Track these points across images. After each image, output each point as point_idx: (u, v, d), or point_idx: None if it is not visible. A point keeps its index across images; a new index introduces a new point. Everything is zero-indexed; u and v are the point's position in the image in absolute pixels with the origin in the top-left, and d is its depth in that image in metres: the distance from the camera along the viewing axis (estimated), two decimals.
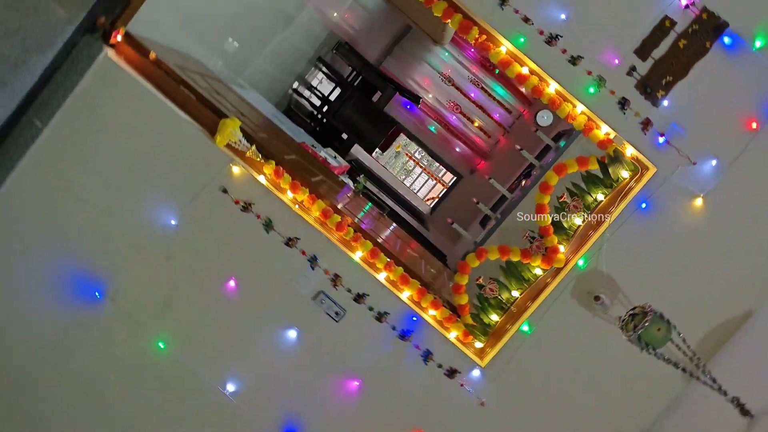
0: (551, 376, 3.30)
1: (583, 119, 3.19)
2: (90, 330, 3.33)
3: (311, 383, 3.36)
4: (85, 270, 3.28)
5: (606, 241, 3.18)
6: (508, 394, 3.30)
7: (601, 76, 3.11)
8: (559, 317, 3.24)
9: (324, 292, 3.26)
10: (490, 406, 3.29)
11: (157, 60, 3.34)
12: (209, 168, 3.20)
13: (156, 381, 3.36)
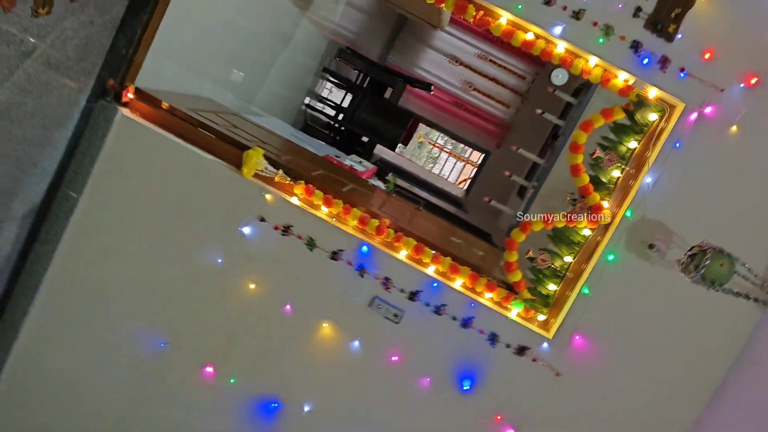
0: (621, 333, 3.25)
1: (598, 71, 3.13)
2: (162, 380, 3.41)
3: (385, 389, 3.38)
4: (146, 325, 3.36)
5: (648, 187, 3.11)
6: (581, 361, 3.25)
7: (607, 25, 3.04)
8: (617, 273, 3.19)
9: (378, 297, 3.27)
10: (567, 376, 3.26)
11: (171, 108, 3.40)
12: (243, 201, 3.25)
13: (234, 414, 3.41)
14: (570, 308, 3.24)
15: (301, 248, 3.25)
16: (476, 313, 3.27)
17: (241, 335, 3.37)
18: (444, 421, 3.39)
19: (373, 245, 3.26)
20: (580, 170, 3.17)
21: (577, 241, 3.29)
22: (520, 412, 3.33)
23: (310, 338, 3.35)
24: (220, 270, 3.30)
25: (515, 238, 3.30)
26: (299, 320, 3.33)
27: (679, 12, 3.02)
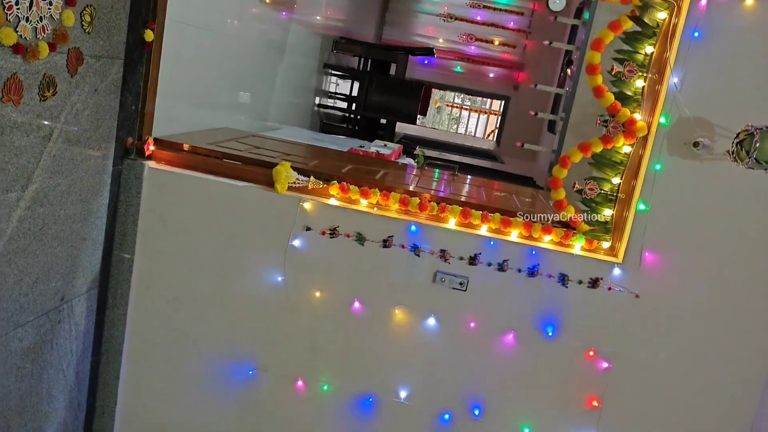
0: (689, 238, 3.17)
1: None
2: (260, 405, 3.51)
3: (473, 356, 3.39)
4: (231, 357, 3.46)
5: (676, 87, 3.02)
6: (656, 277, 3.20)
7: None
8: (669, 181, 3.11)
9: (440, 271, 3.28)
10: (645, 296, 3.21)
11: (192, 148, 3.47)
12: (285, 216, 3.29)
13: (335, 419, 3.49)
14: (632, 228, 3.19)
15: (353, 245, 3.28)
16: (540, 260, 3.25)
17: (321, 343, 3.43)
18: (539, 371, 3.38)
19: (420, 222, 3.27)
20: (603, 90, 3.09)
21: (620, 161, 3.22)
22: (610, 343, 3.30)
23: (387, 327, 3.39)
24: (283, 287, 3.36)
25: (558, 176, 3.25)
26: (371, 314, 3.37)
27: None
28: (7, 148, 2.38)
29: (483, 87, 11.36)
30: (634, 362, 3.30)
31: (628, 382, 3.33)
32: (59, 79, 2.58)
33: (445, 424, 3.45)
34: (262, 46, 5.47)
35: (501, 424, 3.44)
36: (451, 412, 3.44)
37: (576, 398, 3.39)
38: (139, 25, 3.13)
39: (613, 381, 3.33)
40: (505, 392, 3.42)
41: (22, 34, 2.31)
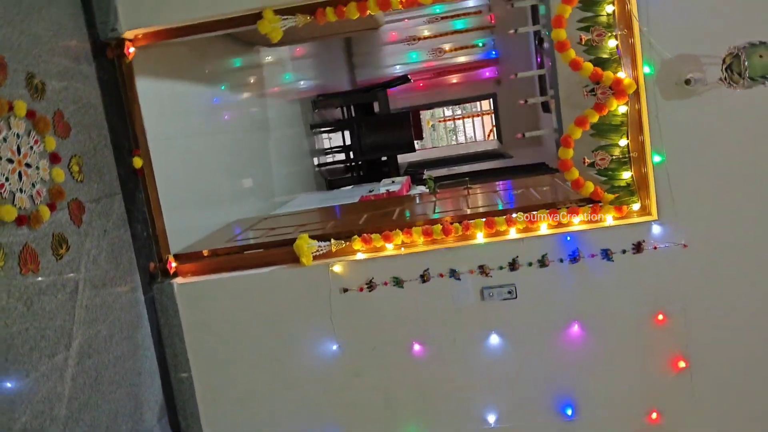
0: (715, 173, 3.10)
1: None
2: None
3: (548, 356, 3.31)
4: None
5: (648, 33, 2.99)
6: (697, 219, 3.12)
7: None
8: (675, 125, 3.06)
9: (485, 287, 3.24)
10: (693, 242, 3.13)
11: (212, 252, 3.51)
12: (319, 286, 3.29)
13: None
14: (655, 182, 3.13)
15: (394, 291, 3.26)
16: (577, 243, 3.19)
17: (395, 395, 3.38)
18: (615, 351, 3.29)
19: (450, 247, 3.24)
20: (579, 62, 3.08)
21: (620, 122, 3.17)
22: (675, 300, 3.20)
23: (453, 358, 3.33)
24: (340, 353, 3.35)
25: (565, 157, 3.22)
26: (434, 351, 3.33)
27: None
28: (40, 316, 2.43)
29: (467, 93, 11.40)
30: (705, 312, 3.20)
31: (706, 333, 3.22)
32: (68, 233, 2.64)
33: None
34: (246, 131, 5.57)
35: (597, 416, 3.33)
36: (545, 420, 3.35)
37: (662, 365, 3.28)
38: (125, 156, 3.22)
39: (692, 336, 3.22)
40: (591, 383, 3.32)
41: (21, 206, 2.38)
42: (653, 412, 3.30)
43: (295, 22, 3.21)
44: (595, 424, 3.34)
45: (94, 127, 2.99)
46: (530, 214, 3.25)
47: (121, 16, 3.15)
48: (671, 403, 3.28)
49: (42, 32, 2.69)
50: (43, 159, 2.56)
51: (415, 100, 11.31)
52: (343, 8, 3.16)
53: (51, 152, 2.60)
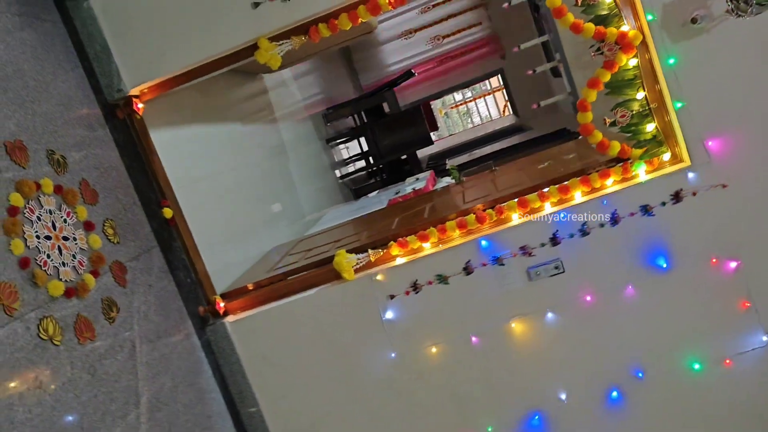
0: (740, 108, 3.02)
1: None
2: None
3: (606, 327, 3.27)
4: None
5: None
6: (731, 158, 3.04)
7: None
8: (689, 66, 3.00)
9: (530, 267, 3.21)
10: (733, 181, 3.05)
11: (256, 284, 3.55)
12: (366, 297, 3.31)
13: None
14: (681, 128, 3.07)
15: (440, 288, 3.25)
16: (614, 205, 3.14)
17: (463, 391, 3.37)
18: (676, 304, 3.22)
19: (487, 234, 3.22)
20: (580, 25, 3.03)
21: (633, 76, 3.11)
22: (726, 242, 3.13)
23: (514, 344, 3.31)
24: (400, 360, 3.35)
25: (584, 121, 3.17)
26: (492, 340, 3.31)
27: None
28: (105, 380, 2.49)
29: (473, 73, 11.31)
30: (759, 247, 3.11)
31: (764, 267, 3.13)
32: (115, 295, 2.70)
33: (619, 401, 3.30)
34: (265, 159, 5.62)
35: (669, 372, 3.27)
36: (617, 386, 3.30)
37: (726, 309, 3.21)
38: (155, 208, 3.27)
39: (750, 273, 3.14)
40: (656, 341, 3.26)
41: (66, 279, 2.44)
42: (726, 360, 3.23)
43: (291, 45, 3.22)
44: (665, 382, 3.27)
45: (120, 188, 3.05)
46: (561, 185, 3.21)
47: (124, 76, 3.21)
48: (741, 346, 3.20)
49: (53, 108, 2.75)
50: (78, 229, 2.62)
51: (423, 92, 11.27)
52: (335, 21, 3.16)
53: (84, 221, 2.66)
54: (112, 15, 3.18)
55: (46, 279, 2.34)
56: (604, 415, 3.32)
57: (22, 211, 2.34)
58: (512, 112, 11.97)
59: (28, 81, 2.65)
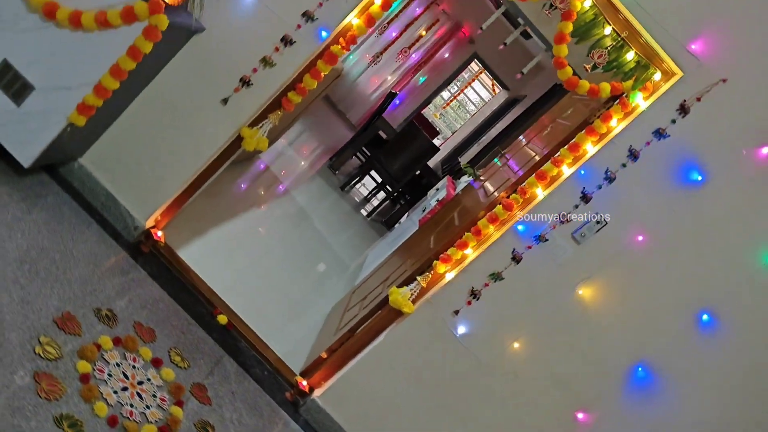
0: (707, 8, 3.00)
1: None
2: None
3: (674, 260, 3.22)
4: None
5: None
6: (719, 51, 3.01)
7: None
8: None
9: (574, 232, 3.20)
10: (731, 75, 3.00)
11: (329, 350, 3.60)
12: (432, 322, 3.33)
13: (633, 413, 3.34)
14: (659, 43, 3.05)
15: (498, 286, 3.26)
16: (627, 142, 3.12)
17: (562, 371, 3.33)
18: (726, 210, 3.14)
19: (520, 219, 3.23)
20: None
21: (593, 15, 3.11)
22: (750, 130, 3.06)
23: (591, 310, 3.27)
24: (489, 369, 3.35)
25: (564, 77, 3.17)
26: (567, 313, 3.28)
27: None
28: None
29: (452, 67, 11.37)
30: None
31: None
32: (206, 415, 2.77)
33: (711, 322, 3.21)
34: (292, 229, 5.73)
35: (750, 275, 3.17)
36: (704, 310, 3.22)
37: None
38: (210, 320, 3.37)
39: None
40: (724, 250, 3.17)
41: (156, 419, 2.53)
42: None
43: (271, 123, 3.32)
44: (750, 285, 3.19)
45: (171, 315, 3.15)
46: (571, 144, 3.21)
47: (135, 213, 3.35)
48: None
49: (84, 270, 2.88)
50: (149, 369, 2.71)
51: (412, 104, 11.37)
52: (301, 85, 3.25)
53: (151, 360, 2.76)
54: (103, 164, 3.33)
55: (137, 427, 2.42)
56: (702, 340, 3.23)
57: (93, 375, 2.45)
58: (502, 88, 11.96)
59: (53, 255, 2.78)
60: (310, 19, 3.14)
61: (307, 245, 5.67)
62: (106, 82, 2.76)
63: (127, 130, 3.30)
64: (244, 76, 3.20)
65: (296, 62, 3.20)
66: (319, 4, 3.13)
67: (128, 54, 2.73)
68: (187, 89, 3.25)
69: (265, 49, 3.18)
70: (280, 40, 3.16)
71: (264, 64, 3.19)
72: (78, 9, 2.65)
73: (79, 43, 2.75)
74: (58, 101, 2.79)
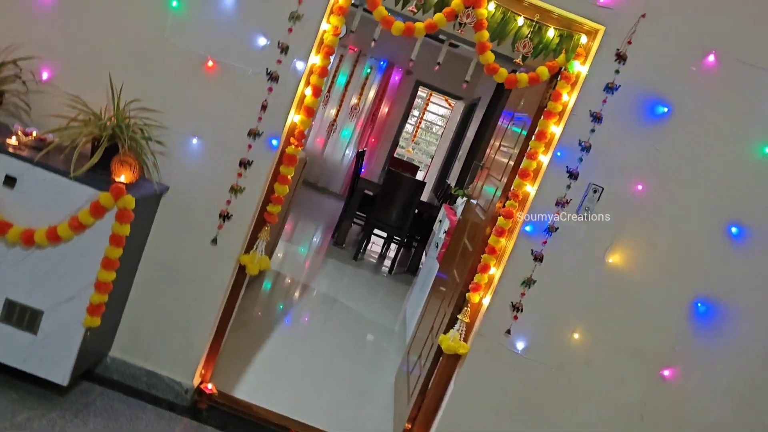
0: None
1: None
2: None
3: (675, 196, 3.25)
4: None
5: None
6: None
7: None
8: None
9: (577, 210, 3.24)
10: (649, 7, 3.10)
11: (409, 419, 3.60)
12: (490, 350, 3.34)
13: (704, 352, 3.32)
14: (572, 11, 3.16)
15: (534, 290, 3.29)
16: (585, 107, 3.19)
17: (627, 342, 3.33)
18: (712, 118, 3.19)
19: (526, 220, 3.27)
20: (412, 28, 3.19)
21: (502, 14, 3.23)
22: (694, 43, 3.14)
23: (626, 272, 3.29)
24: (561, 368, 3.35)
25: (501, 79, 3.27)
26: (607, 286, 3.29)
27: None
28: None
29: (402, 103, 11.60)
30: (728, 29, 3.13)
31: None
32: None
33: (740, 234, 3.23)
34: (327, 318, 5.76)
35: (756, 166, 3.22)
36: (730, 223, 3.23)
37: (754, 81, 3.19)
38: None
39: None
40: (719, 156, 3.22)
41: None
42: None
43: (264, 240, 3.41)
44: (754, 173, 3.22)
45: None
46: (537, 133, 3.28)
47: (178, 378, 3.41)
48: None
49: None
50: None
51: (382, 152, 11.55)
52: (275, 195, 3.35)
53: None
54: (132, 348, 3.42)
55: None
56: (737, 252, 3.24)
57: None
58: (456, 100, 12.16)
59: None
60: (257, 135, 3.26)
61: (346, 327, 5.69)
62: (103, 276, 2.86)
63: (140, 307, 3.40)
64: (222, 211, 3.31)
65: (261, 178, 3.30)
66: (258, 118, 3.26)
67: (112, 243, 2.83)
68: (176, 245, 3.35)
69: (229, 178, 3.29)
70: (238, 165, 3.28)
71: (235, 193, 3.30)
72: (30, 228, 2.77)
73: (65, 253, 2.85)
74: (68, 313, 2.88)
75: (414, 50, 7.47)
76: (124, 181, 2.90)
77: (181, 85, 3.25)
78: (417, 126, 14.35)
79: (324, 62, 3.30)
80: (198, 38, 3.24)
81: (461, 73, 7.96)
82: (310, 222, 9.16)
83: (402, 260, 8.40)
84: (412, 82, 11.56)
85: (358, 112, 11.28)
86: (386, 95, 11.41)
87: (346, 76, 11.22)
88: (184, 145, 3.27)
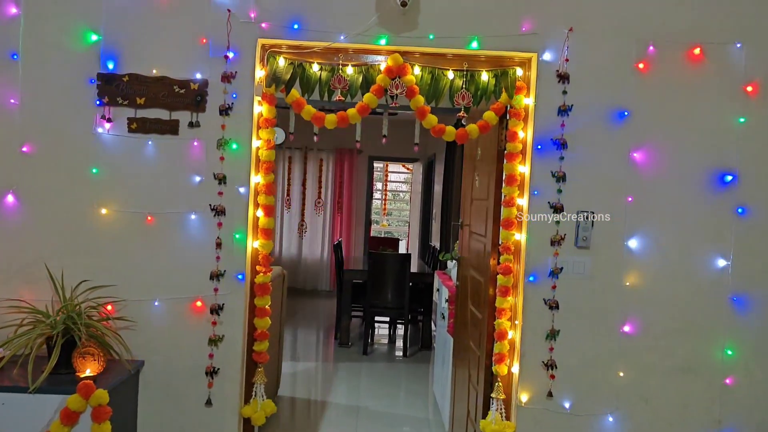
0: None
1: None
2: None
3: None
4: None
5: None
6: (555, 17, 3.01)
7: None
8: (430, 14, 3.00)
9: (576, 244, 3.02)
10: (574, 21, 3.00)
11: None
12: (541, 419, 3.04)
13: None
14: (496, 48, 3.04)
15: (562, 339, 3.02)
16: (546, 136, 3.02)
17: (679, 322, 3.09)
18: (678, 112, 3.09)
19: (527, 270, 3.04)
20: (345, 118, 3.03)
21: (429, 73, 3.12)
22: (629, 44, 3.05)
23: (647, 263, 3.05)
24: (633, 373, 3.04)
25: (450, 137, 3.10)
26: (625, 293, 3.05)
27: None
28: None
29: (362, 181, 11.55)
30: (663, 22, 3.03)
31: None
32: None
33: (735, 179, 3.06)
34: (355, 428, 5.37)
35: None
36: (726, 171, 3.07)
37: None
38: None
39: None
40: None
41: None
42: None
43: (261, 382, 3.10)
44: None
45: None
46: (507, 177, 3.10)
47: None
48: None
49: None
50: None
51: (358, 236, 11.38)
52: (259, 331, 3.08)
53: None
54: None
55: None
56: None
57: None
58: (412, 162, 12.16)
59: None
60: (220, 276, 3.01)
61: (378, 424, 5.30)
62: None
63: None
64: (207, 367, 3.02)
65: (237, 319, 3.04)
66: (216, 257, 3.01)
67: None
68: (170, 419, 3.04)
69: (204, 331, 3.01)
70: (210, 312, 3.01)
71: (214, 344, 3.01)
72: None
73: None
74: None
75: (357, 131, 7.41)
76: (90, 374, 2.59)
77: (126, 251, 3.00)
78: (384, 199, 14.27)
79: (267, 179, 3.10)
80: (132, 197, 3.02)
81: (409, 136, 7.90)
82: (308, 329, 8.79)
83: (413, 338, 8.05)
84: (366, 160, 11.53)
85: (322, 205, 11.16)
86: (344, 180, 11.35)
87: (301, 175, 11.17)
88: (147, 312, 3.00)
